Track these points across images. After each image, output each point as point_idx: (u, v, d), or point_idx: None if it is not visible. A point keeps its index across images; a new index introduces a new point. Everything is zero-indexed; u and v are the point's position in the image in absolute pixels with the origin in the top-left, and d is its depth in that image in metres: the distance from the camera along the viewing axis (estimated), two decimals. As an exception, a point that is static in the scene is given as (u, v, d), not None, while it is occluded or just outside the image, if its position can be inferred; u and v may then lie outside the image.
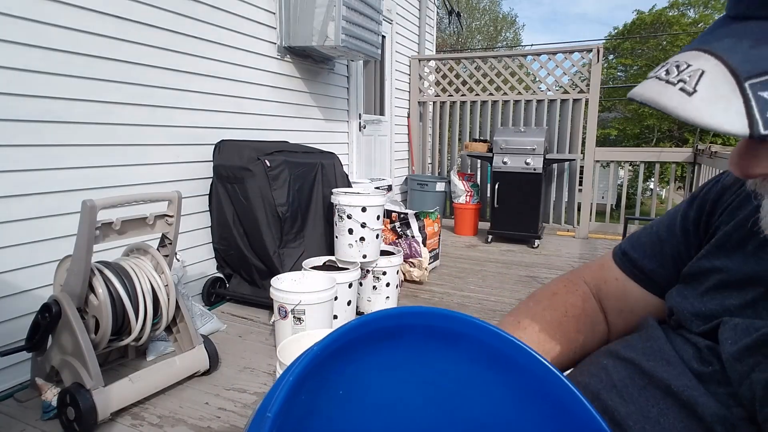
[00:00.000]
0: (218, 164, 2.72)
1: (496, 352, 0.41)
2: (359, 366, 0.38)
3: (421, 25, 5.96)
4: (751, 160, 0.36)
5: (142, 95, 2.34)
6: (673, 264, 0.62)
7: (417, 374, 0.42)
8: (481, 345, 0.41)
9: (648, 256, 0.64)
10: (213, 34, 2.75)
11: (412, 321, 0.40)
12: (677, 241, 0.62)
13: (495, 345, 0.41)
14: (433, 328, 0.40)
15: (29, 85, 1.87)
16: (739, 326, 0.45)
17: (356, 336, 0.37)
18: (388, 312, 0.39)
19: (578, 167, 4.93)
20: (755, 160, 0.36)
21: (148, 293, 1.80)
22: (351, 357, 0.38)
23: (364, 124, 4.59)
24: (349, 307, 2.42)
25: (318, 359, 0.34)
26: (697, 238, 0.59)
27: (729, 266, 0.51)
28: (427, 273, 3.28)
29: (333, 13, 3.09)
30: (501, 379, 0.42)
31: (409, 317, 0.40)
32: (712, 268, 0.52)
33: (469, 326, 0.40)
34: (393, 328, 0.39)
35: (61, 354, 1.68)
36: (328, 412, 0.38)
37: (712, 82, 0.29)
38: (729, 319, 0.47)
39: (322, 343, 0.35)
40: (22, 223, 1.88)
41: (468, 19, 18.17)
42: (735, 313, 0.48)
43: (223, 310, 2.76)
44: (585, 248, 4.40)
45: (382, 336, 0.39)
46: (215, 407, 1.79)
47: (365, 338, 0.38)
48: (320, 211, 2.93)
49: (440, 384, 0.42)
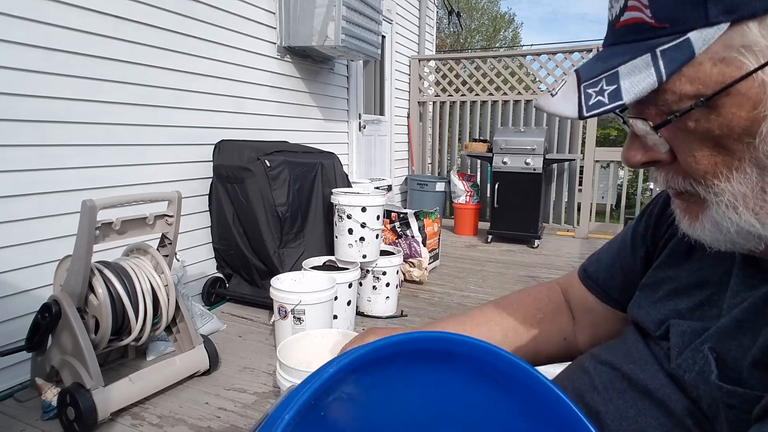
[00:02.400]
0: (218, 164, 2.72)
1: (490, 366, 0.41)
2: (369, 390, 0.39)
3: (421, 25, 5.96)
4: (629, 151, 0.47)
5: (142, 95, 2.34)
6: (622, 276, 0.68)
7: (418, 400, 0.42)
8: (476, 361, 0.41)
9: (602, 270, 0.71)
10: (213, 34, 2.76)
11: (406, 348, 0.39)
12: (627, 255, 0.67)
13: (489, 360, 0.41)
14: (424, 351, 0.40)
15: (30, 85, 1.87)
16: (686, 333, 0.51)
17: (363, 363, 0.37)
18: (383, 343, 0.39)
19: (578, 167, 4.94)
20: (632, 152, 0.46)
21: (148, 293, 1.80)
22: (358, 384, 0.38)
23: (364, 124, 4.59)
24: (349, 307, 2.42)
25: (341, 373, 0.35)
26: (644, 251, 0.65)
27: (679, 275, 0.56)
28: (427, 273, 3.28)
29: (333, 13, 3.09)
30: (498, 394, 0.42)
31: (403, 345, 0.40)
32: (665, 278, 0.58)
33: (465, 346, 0.41)
34: (388, 356, 0.39)
35: (61, 354, 1.68)
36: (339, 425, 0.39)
37: (566, 87, 0.44)
38: (676, 321, 0.52)
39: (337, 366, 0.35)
40: (22, 223, 1.88)
41: (467, 19, 18.16)
42: (685, 317, 0.53)
43: (223, 310, 2.76)
44: (585, 248, 4.40)
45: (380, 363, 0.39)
46: (215, 407, 1.79)
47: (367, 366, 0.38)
48: (320, 211, 2.93)
49: (442, 406, 0.43)
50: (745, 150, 0.40)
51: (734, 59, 0.37)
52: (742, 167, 0.41)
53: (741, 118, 0.39)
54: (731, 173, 0.41)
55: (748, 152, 0.40)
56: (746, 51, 0.37)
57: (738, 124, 0.39)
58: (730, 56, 0.38)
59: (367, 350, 0.36)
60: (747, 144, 0.39)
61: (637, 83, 0.39)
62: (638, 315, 0.59)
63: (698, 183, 0.44)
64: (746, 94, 0.38)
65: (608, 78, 0.41)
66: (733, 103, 0.38)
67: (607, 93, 0.40)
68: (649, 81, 0.39)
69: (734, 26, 0.37)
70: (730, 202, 0.42)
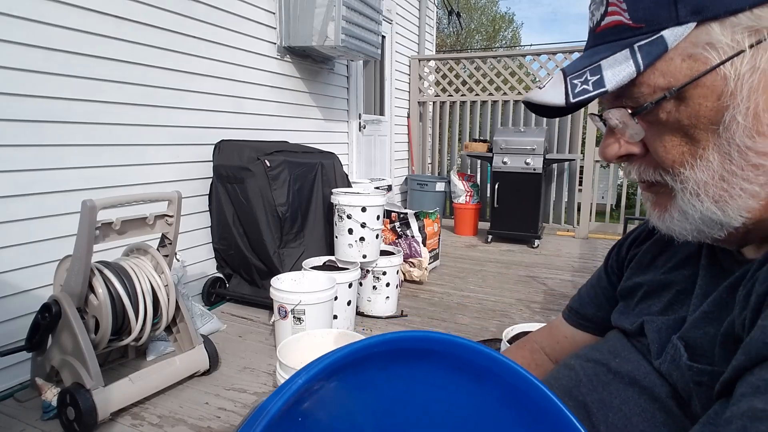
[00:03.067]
0: (218, 164, 2.72)
1: (468, 362, 0.42)
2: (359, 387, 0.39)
3: (421, 25, 5.96)
4: (606, 146, 0.51)
5: (142, 95, 2.34)
6: (608, 305, 0.71)
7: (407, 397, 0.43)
8: (454, 357, 0.42)
9: (586, 304, 0.75)
10: (213, 34, 2.76)
11: (383, 348, 0.40)
12: (605, 284, 0.73)
13: (466, 356, 0.42)
14: (401, 351, 0.41)
15: (29, 85, 1.87)
16: (662, 329, 0.55)
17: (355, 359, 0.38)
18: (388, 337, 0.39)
19: (578, 167, 4.94)
20: (609, 146, 0.51)
21: (148, 293, 1.80)
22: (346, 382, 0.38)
23: (364, 124, 4.59)
24: (349, 307, 2.42)
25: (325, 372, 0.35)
26: (618, 278, 0.70)
27: (648, 279, 0.62)
28: (427, 273, 3.28)
29: (333, 13, 3.09)
30: (473, 386, 0.43)
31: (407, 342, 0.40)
32: (636, 284, 0.64)
33: (443, 343, 0.41)
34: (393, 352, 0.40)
35: (61, 354, 1.68)
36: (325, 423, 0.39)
37: (553, 80, 0.49)
38: (650, 318, 0.57)
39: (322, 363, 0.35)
40: (22, 223, 1.88)
41: (467, 19, 18.16)
42: (657, 315, 0.58)
43: (223, 310, 2.76)
44: (585, 248, 4.40)
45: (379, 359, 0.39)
46: (215, 407, 1.79)
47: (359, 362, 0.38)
48: (320, 211, 2.93)
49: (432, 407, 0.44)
50: (710, 138, 0.44)
51: (700, 55, 0.43)
52: (706, 155, 0.45)
53: (707, 108, 0.43)
54: (695, 161, 0.46)
55: (713, 140, 0.44)
56: (710, 48, 0.42)
57: (704, 114, 0.44)
58: (696, 52, 0.43)
59: (342, 354, 0.37)
60: (712, 132, 0.44)
61: (618, 73, 0.44)
62: (618, 320, 0.64)
63: (666, 172, 0.48)
64: (711, 87, 0.43)
65: (592, 70, 0.46)
66: (700, 95, 0.43)
67: (591, 82, 0.45)
68: (629, 71, 0.44)
69: (700, 26, 0.42)
70: (694, 190, 0.46)
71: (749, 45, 0.41)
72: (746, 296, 0.43)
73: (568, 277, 3.51)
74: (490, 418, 0.44)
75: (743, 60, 0.41)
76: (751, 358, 0.38)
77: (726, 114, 0.43)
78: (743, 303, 0.43)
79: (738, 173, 0.44)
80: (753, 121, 0.42)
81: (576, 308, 0.77)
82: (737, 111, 0.42)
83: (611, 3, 0.46)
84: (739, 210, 0.45)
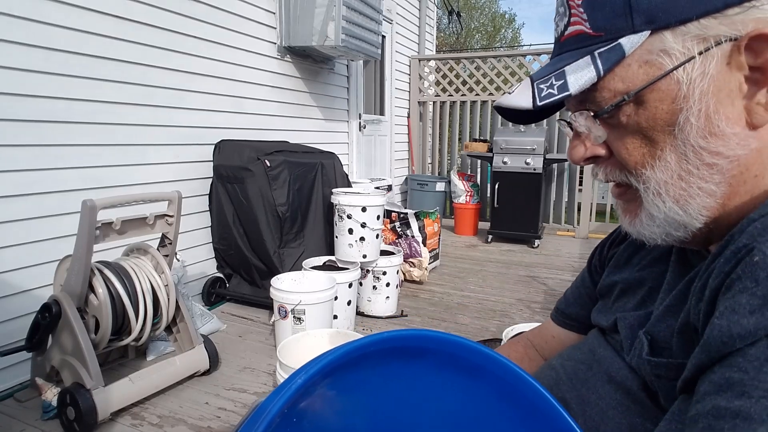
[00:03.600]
0: (218, 164, 2.72)
1: (461, 359, 0.42)
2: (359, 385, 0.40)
3: (421, 25, 5.96)
4: (573, 149, 0.54)
5: (142, 95, 2.34)
6: (591, 305, 0.73)
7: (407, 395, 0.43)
8: (448, 355, 0.42)
9: (572, 304, 0.78)
10: (213, 34, 2.75)
11: (378, 348, 0.40)
12: (588, 284, 0.75)
13: (460, 353, 0.42)
14: (395, 349, 0.41)
15: (30, 85, 1.87)
16: (633, 325, 0.57)
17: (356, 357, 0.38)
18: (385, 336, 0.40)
19: (578, 167, 4.93)
20: (576, 149, 0.54)
21: (148, 293, 1.80)
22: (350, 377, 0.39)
23: (364, 124, 4.59)
24: (349, 307, 2.42)
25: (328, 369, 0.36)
26: (600, 277, 0.72)
27: (623, 277, 0.65)
28: (427, 273, 3.28)
29: (333, 13, 3.09)
30: (467, 382, 0.43)
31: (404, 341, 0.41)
32: (613, 282, 0.66)
33: (436, 341, 0.42)
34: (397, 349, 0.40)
35: (61, 354, 1.68)
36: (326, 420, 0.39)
37: (521, 86, 0.52)
38: (623, 315, 0.59)
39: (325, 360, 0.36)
40: (22, 223, 1.88)
41: (467, 18, 18.15)
42: (630, 311, 0.60)
43: (223, 310, 2.76)
44: (585, 248, 4.40)
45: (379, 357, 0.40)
46: (215, 407, 1.79)
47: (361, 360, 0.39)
48: (320, 211, 2.93)
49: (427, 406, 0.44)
50: (667, 139, 0.47)
51: (655, 61, 0.46)
52: (664, 156, 0.48)
53: (663, 111, 0.46)
54: (655, 162, 0.48)
55: (669, 141, 0.47)
56: (664, 54, 0.45)
57: (661, 116, 0.47)
58: (651, 59, 0.46)
59: (337, 355, 0.37)
60: (669, 133, 0.47)
61: (580, 78, 0.47)
62: (596, 318, 0.67)
63: (630, 173, 0.51)
64: (666, 91, 0.46)
65: (557, 75, 0.49)
66: (656, 98, 0.46)
67: (556, 86, 0.48)
68: (590, 75, 0.47)
69: (654, 34, 0.45)
70: (656, 190, 0.49)
71: (698, 52, 0.44)
72: (701, 288, 0.44)
73: (568, 277, 3.51)
74: (485, 415, 0.44)
75: (694, 66, 0.44)
76: (711, 356, 0.39)
77: (680, 116, 0.46)
78: (699, 295, 0.44)
79: (694, 172, 0.47)
80: (705, 122, 0.45)
81: (562, 309, 0.80)
82: (690, 113, 0.45)
83: (573, 14, 0.50)
84: (698, 209, 0.48)
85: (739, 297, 0.38)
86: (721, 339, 0.37)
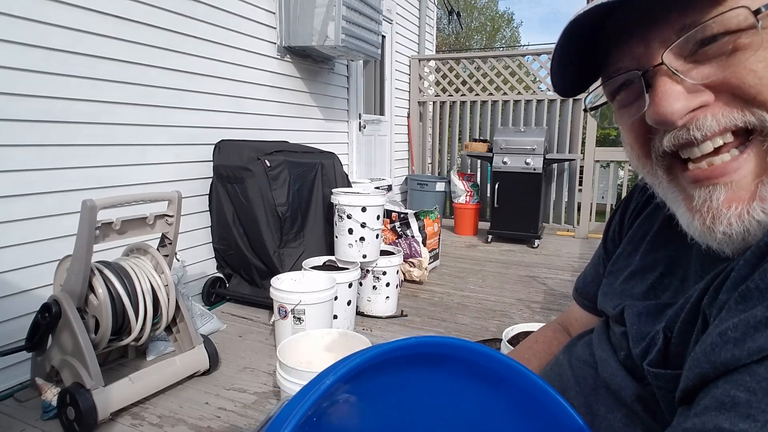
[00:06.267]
0: (218, 164, 2.72)
1: (480, 366, 0.42)
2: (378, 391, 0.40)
3: (421, 25, 5.96)
4: (668, 103, 0.41)
5: (142, 95, 2.34)
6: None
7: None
8: (467, 362, 0.42)
9: (589, 283, 0.72)
10: (213, 34, 2.75)
11: (401, 354, 0.40)
12: (604, 260, 0.69)
13: (479, 361, 0.42)
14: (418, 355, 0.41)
15: (30, 85, 1.87)
16: (642, 315, 0.52)
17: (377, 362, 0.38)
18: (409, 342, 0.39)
19: (578, 167, 4.93)
20: (672, 102, 0.41)
21: (148, 293, 1.80)
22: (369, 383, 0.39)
23: (364, 124, 4.59)
24: (349, 307, 2.42)
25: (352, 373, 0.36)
26: (616, 246, 0.66)
27: (634, 260, 0.59)
28: (427, 273, 3.28)
29: (333, 13, 3.09)
30: (492, 393, 0.43)
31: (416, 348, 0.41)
32: (623, 265, 0.61)
33: (456, 348, 0.42)
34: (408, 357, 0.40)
35: (61, 354, 1.68)
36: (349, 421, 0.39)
37: None
38: (631, 303, 0.54)
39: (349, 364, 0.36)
40: (22, 223, 1.88)
41: (467, 18, 18.16)
42: (639, 298, 0.54)
43: (223, 310, 2.76)
44: (585, 248, 4.40)
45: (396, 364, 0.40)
46: (215, 407, 1.79)
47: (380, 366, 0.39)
48: (320, 211, 2.92)
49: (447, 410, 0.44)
50: None
51: None
52: None
53: None
54: None
55: None
56: None
57: None
58: None
59: (364, 358, 0.37)
60: None
61: None
62: (602, 302, 0.62)
63: (760, 106, 0.39)
64: None
65: None
66: None
67: None
68: None
69: None
70: None
71: None
72: (717, 289, 0.40)
73: (568, 277, 3.50)
74: (502, 424, 0.44)
75: None
76: (715, 367, 0.35)
77: None
78: (713, 295, 0.40)
79: None
80: None
81: (579, 288, 0.74)
82: None
83: None
84: None
85: (754, 310, 0.34)
86: (732, 352, 0.35)
